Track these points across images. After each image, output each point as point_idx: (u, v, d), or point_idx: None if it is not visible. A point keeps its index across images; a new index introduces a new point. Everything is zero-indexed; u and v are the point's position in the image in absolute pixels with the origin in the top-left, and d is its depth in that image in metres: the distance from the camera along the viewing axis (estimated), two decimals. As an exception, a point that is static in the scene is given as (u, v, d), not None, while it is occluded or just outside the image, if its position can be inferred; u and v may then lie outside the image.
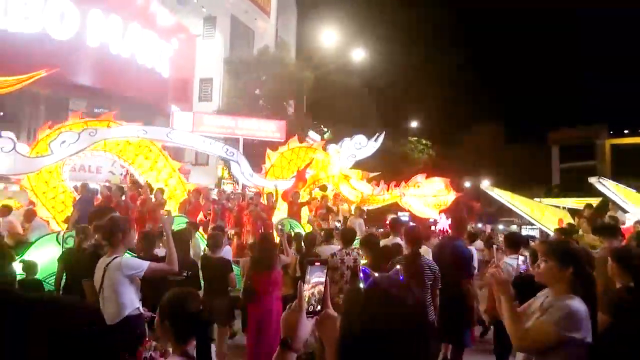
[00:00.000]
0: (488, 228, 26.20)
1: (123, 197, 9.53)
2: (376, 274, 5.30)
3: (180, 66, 22.29)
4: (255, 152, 16.61)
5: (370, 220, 26.13)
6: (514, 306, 2.63)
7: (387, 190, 14.05)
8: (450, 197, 14.16)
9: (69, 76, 17.07)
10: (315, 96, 26.75)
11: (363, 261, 5.68)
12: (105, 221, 4.12)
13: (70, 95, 17.49)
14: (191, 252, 6.21)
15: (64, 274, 5.74)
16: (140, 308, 3.94)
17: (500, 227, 34.59)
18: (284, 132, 19.49)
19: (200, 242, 7.73)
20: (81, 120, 9.92)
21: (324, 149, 13.69)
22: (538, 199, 19.23)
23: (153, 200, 9.59)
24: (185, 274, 5.26)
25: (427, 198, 13.95)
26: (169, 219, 4.77)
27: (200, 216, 10.56)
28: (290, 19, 31.11)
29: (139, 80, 18.83)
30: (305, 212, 11.91)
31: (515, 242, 5.45)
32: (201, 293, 5.71)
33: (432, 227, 16.08)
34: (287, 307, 1.41)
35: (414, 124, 37.06)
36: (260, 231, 10.09)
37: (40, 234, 7.74)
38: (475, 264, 8.06)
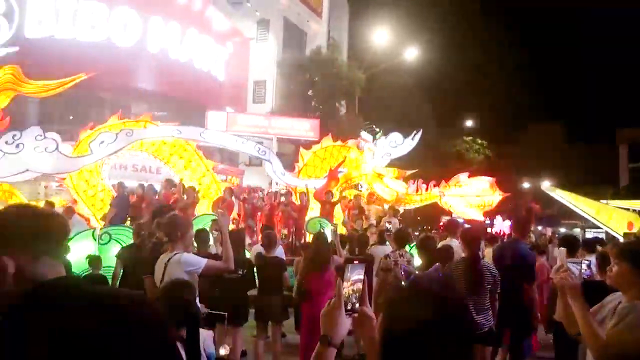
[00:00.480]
0: (548, 231, 25.05)
1: (156, 197, 9.87)
2: (417, 272, 5.18)
3: (235, 69, 22.79)
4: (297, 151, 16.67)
5: (423, 221, 25.60)
6: (590, 314, 2.46)
7: (426, 189, 13.57)
8: (495, 197, 13.38)
9: (131, 81, 17.93)
10: (367, 96, 26.59)
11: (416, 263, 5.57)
12: (165, 219, 4.26)
13: (132, 100, 18.32)
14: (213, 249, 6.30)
15: (122, 270, 5.99)
16: (198, 302, 4.04)
17: (562, 230, 33.00)
18: (318, 130, 19.15)
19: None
20: (120, 121, 10.29)
21: (359, 147, 13.42)
22: (604, 201, 18.14)
23: (185, 198, 9.78)
24: (240, 272, 5.36)
25: (470, 198, 13.28)
26: (225, 219, 4.87)
27: (234, 214, 10.62)
28: (342, 19, 31.11)
29: (196, 84, 19.43)
30: (340, 213, 11.77)
31: (572, 245, 5.13)
32: (256, 291, 5.81)
33: (489, 229, 15.53)
34: (327, 304, 1.42)
35: (469, 123, 36.03)
36: (291, 230, 10.11)
37: (79, 230, 7.96)
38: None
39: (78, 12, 17.36)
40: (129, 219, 9.60)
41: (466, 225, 10.00)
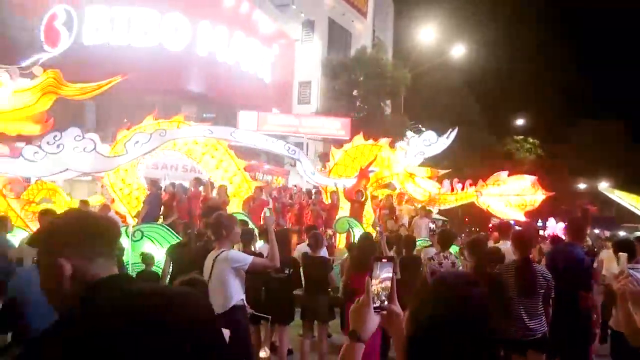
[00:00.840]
0: (606, 234, 23.83)
1: (185, 195, 10.13)
2: (442, 270, 5.04)
3: (280, 71, 23.04)
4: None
5: (471, 222, 24.93)
6: None
7: (462, 189, 13.11)
8: (538, 196, 12.69)
9: (181, 84, 18.49)
10: (413, 95, 26.25)
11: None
12: (212, 218, 4.37)
13: (182, 102, 18.88)
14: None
15: (171, 266, 6.18)
16: (244, 300, 4.11)
17: (622, 233, 31.30)
18: (349, 129, 18.93)
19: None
20: (154, 122, 10.54)
21: (392, 146, 13.14)
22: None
23: (216, 197, 9.91)
24: (286, 272, 5.41)
25: (510, 197, 12.70)
26: (270, 218, 4.95)
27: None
28: (388, 18, 30.87)
29: (242, 86, 19.80)
30: (370, 213, 11.59)
31: (632, 250, 4.82)
32: (302, 291, 5.86)
33: (541, 232, 14.93)
34: (355, 300, 1.46)
35: (519, 121, 34.81)
36: (320, 229, 10.00)
37: None
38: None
39: (132, 19, 18.10)
40: (161, 216, 9.89)
41: (517, 227, 9.66)
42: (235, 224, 4.27)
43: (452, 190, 13.20)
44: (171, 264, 6.20)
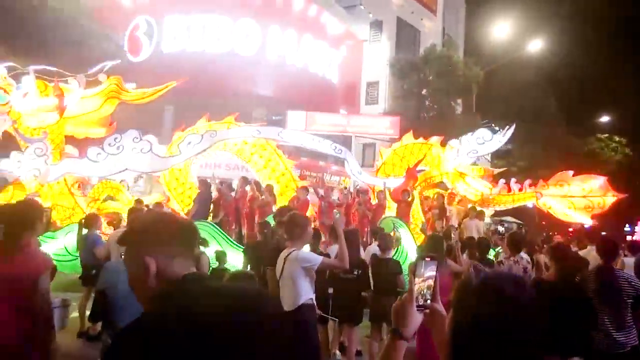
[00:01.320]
0: None
1: (233, 194, 10.47)
2: (486, 269, 4.75)
3: (348, 72, 23.10)
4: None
5: (548, 227, 23.57)
6: None
7: (520, 189, 12.21)
8: (608, 199, 11.50)
9: (251, 88, 19.06)
10: (485, 94, 25.29)
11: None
12: (286, 218, 4.45)
13: (252, 105, 19.45)
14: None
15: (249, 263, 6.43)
16: (314, 300, 4.15)
17: None
18: (398, 128, 18.34)
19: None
20: (206, 123, 10.89)
21: (443, 144, 12.54)
22: None
23: (263, 197, 10.07)
24: (355, 273, 5.41)
25: (574, 199, 11.62)
26: (341, 219, 4.96)
27: (312, 212, 10.62)
28: (458, 15, 30.00)
29: (311, 88, 20.07)
30: (420, 215, 11.21)
31: None
32: (371, 292, 5.83)
33: (629, 237, 13.80)
34: (398, 298, 1.46)
35: (604, 119, 32.37)
36: (366, 229, 9.79)
37: None
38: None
39: (206, 26, 18.95)
40: (211, 215, 10.18)
41: (603, 233, 9.01)
42: (308, 224, 4.33)
43: (509, 190, 12.47)
44: (247, 263, 6.45)
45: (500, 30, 23.73)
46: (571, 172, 11.98)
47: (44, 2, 15.45)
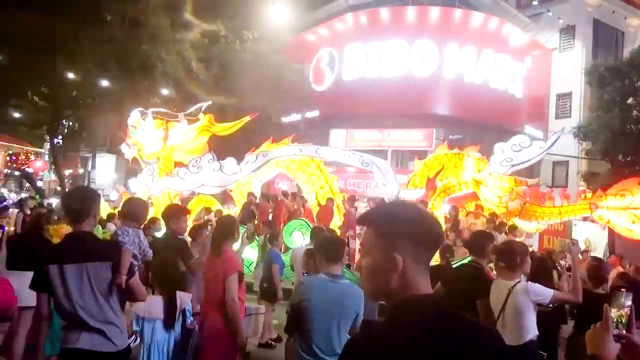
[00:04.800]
0: None
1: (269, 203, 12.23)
2: None
3: (533, 84, 21.39)
4: None
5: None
6: None
7: (578, 199, 10.39)
8: None
9: (428, 108, 18.89)
10: None
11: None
12: (501, 246, 4.19)
13: (430, 126, 19.23)
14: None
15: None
16: (537, 336, 3.82)
17: None
18: (432, 140, 18.56)
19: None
20: (266, 143, 12.19)
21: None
22: None
23: (295, 207, 12.08)
24: (550, 305, 4.83)
25: (638, 211, 9.32)
26: (576, 249, 4.49)
27: (338, 223, 11.45)
28: (675, 7, 25.39)
29: (491, 104, 19.03)
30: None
31: None
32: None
33: None
34: (592, 326, 1.46)
35: None
36: None
37: None
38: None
39: (383, 52, 19.49)
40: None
41: None
42: (527, 252, 4.06)
43: (540, 199, 10.47)
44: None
45: None
46: (636, 180, 9.65)
47: (244, 47, 17.78)
